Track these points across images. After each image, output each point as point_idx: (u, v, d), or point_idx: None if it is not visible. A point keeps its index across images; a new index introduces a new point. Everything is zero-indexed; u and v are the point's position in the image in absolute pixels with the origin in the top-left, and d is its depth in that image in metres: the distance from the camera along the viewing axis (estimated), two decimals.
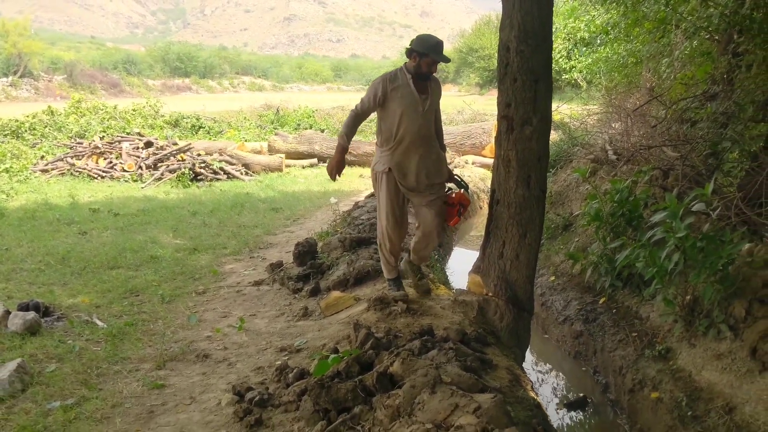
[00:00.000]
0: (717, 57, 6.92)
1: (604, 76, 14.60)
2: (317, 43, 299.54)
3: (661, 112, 7.89)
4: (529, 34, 4.61)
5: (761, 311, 3.90)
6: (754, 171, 5.39)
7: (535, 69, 4.65)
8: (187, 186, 11.83)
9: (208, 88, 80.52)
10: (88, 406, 3.63)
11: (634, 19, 8.30)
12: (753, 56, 5.86)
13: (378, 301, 4.70)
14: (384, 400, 3.11)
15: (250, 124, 21.52)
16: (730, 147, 6.19)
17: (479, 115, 23.97)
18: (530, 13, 4.60)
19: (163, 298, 5.59)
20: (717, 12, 6.42)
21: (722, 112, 6.34)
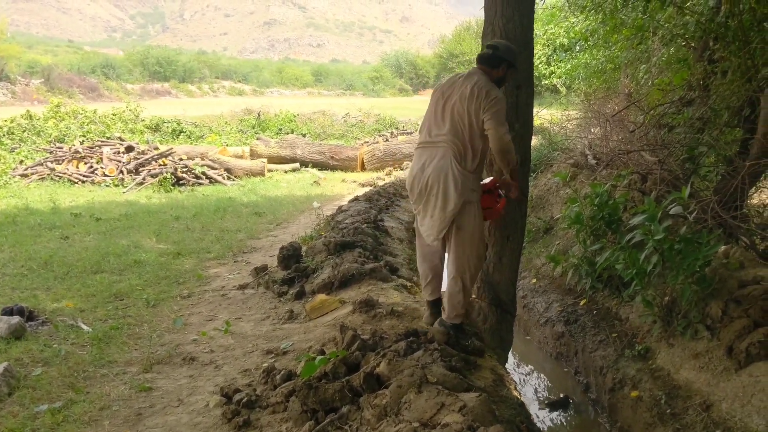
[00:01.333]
0: (693, 64, 7.05)
1: (583, 81, 14.80)
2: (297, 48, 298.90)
3: (639, 118, 8.03)
4: (511, 40, 4.67)
5: (737, 311, 4.01)
6: (729, 175, 5.52)
7: (516, 75, 4.74)
8: (169, 190, 11.81)
9: (187, 93, 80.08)
10: (75, 409, 3.64)
11: (613, 26, 8.43)
12: (728, 63, 5.99)
13: (363, 304, 4.75)
14: (371, 400, 3.16)
15: (231, 129, 21.51)
16: (707, 152, 6.33)
17: None
18: (512, 20, 4.68)
19: (148, 302, 5.59)
20: (693, 20, 6.56)
21: (698, 118, 6.47)
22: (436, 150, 3.90)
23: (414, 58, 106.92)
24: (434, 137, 3.94)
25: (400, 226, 8.28)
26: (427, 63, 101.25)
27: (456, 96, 3.89)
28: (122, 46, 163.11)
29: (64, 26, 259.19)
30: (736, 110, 5.94)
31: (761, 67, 5.41)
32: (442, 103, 3.97)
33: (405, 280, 5.78)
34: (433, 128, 3.97)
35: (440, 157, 3.85)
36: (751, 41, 5.58)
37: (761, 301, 3.96)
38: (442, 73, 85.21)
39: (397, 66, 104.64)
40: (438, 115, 3.97)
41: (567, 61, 15.34)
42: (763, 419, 3.33)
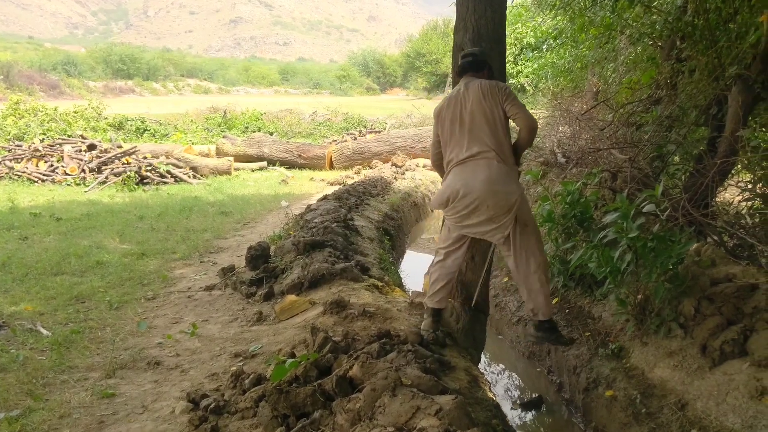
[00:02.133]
0: (661, 62, 7.09)
1: (550, 80, 14.88)
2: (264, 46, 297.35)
3: (608, 116, 8.06)
4: (483, 37, 4.64)
5: (709, 309, 4.00)
6: (698, 173, 5.54)
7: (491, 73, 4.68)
8: (133, 190, 11.55)
9: (152, 91, 79.15)
10: (34, 417, 3.48)
11: (581, 24, 8.45)
12: (695, 62, 6.02)
13: (334, 305, 4.66)
14: (344, 404, 3.07)
15: (196, 127, 21.20)
16: (675, 150, 6.36)
17: (428, 119, 24.14)
18: (484, 16, 4.63)
19: (111, 305, 5.41)
20: (661, 19, 6.59)
21: (667, 116, 6.49)
22: (475, 162, 3.97)
23: (381, 57, 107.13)
24: (468, 152, 4.00)
25: (371, 225, 8.19)
26: (395, 62, 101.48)
27: (469, 105, 4.01)
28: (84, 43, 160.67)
29: (23, 22, 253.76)
30: (703, 109, 5.95)
31: (728, 67, 5.43)
32: (457, 120, 4.06)
33: (376, 279, 5.69)
34: (461, 144, 4.04)
35: (484, 165, 3.93)
36: (717, 40, 5.61)
37: (734, 299, 3.94)
38: (409, 72, 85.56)
39: (365, 65, 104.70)
40: (460, 131, 4.05)
41: (534, 60, 15.40)
42: (739, 417, 3.31)
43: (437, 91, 73.50)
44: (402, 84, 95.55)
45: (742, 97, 5.21)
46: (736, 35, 5.59)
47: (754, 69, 5.13)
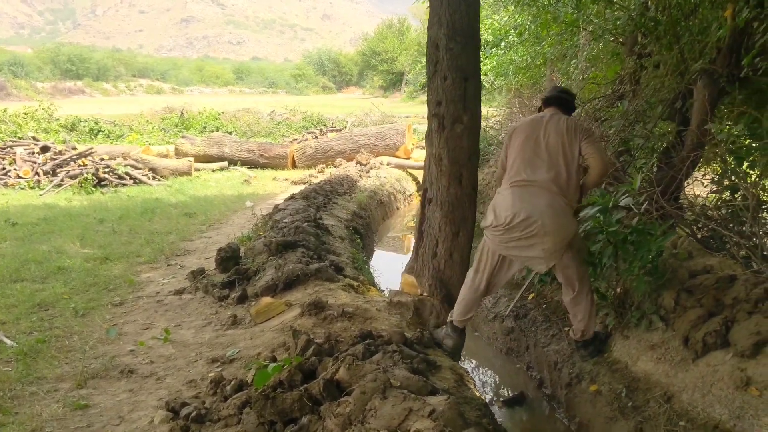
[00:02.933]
0: (624, 58, 7.17)
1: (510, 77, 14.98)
2: (217, 46, 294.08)
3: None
4: (458, 31, 4.61)
5: (690, 301, 4.03)
6: (667, 166, 5.60)
7: (464, 67, 4.67)
8: (90, 192, 11.19)
9: (102, 91, 77.58)
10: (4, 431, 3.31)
11: (545, 21, 8.50)
12: (659, 57, 6.09)
13: (312, 306, 4.56)
14: (333, 409, 2.98)
15: (153, 128, 20.75)
16: (642, 144, 6.43)
17: (387, 117, 24.14)
18: (458, 10, 4.60)
19: (77, 312, 5.20)
20: (625, 15, 6.65)
21: (633, 111, 6.56)
22: (539, 189, 3.96)
23: (337, 56, 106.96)
24: (532, 176, 3.99)
25: (340, 224, 8.09)
26: (350, 61, 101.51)
27: (550, 133, 4.04)
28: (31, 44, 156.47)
29: None
30: (669, 103, 6.02)
31: (692, 61, 5.50)
32: (532, 140, 4.07)
33: (351, 279, 5.61)
34: (529, 168, 4.02)
35: (547, 195, 3.93)
36: (680, 36, 5.68)
37: (713, 291, 3.98)
38: (365, 71, 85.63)
39: (320, 64, 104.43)
40: (534, 153, 4.05)
41: (493, 57, 15.46)
42: (726, 408, 3.33)
43: (393, 90, 73.77)
44: (358, 83, 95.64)
45: (707, 91, 5.27)
46: (699, 30, 5.67)
47: (719, 63, 5.20)
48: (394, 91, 72.63)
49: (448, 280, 4.83)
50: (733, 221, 5.23)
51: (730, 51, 5.14)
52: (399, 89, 71.42)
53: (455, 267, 4.83)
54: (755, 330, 3.53)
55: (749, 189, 4.96)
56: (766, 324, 3.52)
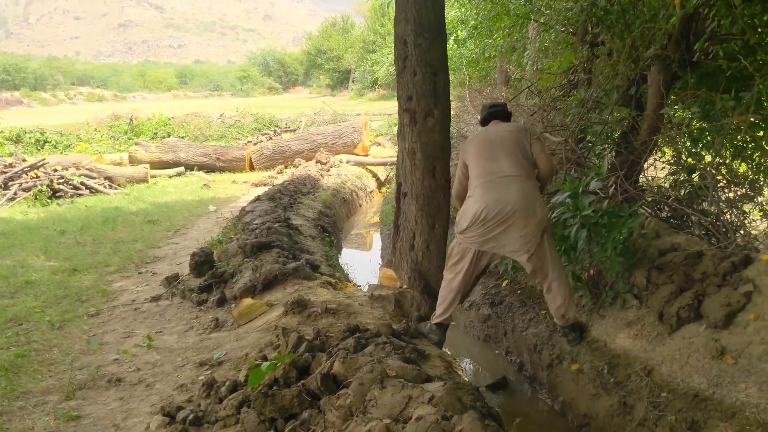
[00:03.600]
0: (577, 48, 7.34)
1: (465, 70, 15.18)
2: (157, 50, 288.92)
3: (530, 102, 8.31)
4: (425, 27, 4.69)
5: (661, 278, 4.20)
6: (625, 151, 5.80)
7: (432, 62, 4.75)
8: (46, 204, 10.92)
9: (41, 101, 75.36)
10: None
11: (499, 14, 8.66)
12: (612, 45, 6.25)
13: (295, 304, 4.59)
14: (333, 402, 3.04)
15: (101, 136, 20.27)
16: (601, 130, 6.62)
17: (339, 116, 24.13)
18: (425, 6, 4.68)
19: (53, 325, 5.12)
20: (576, 6, 6.82)
21: (590, 99, 6.74)
22: (506, 179, 4.11)
23: (281, 56, 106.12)
24: (496, 169, 4.16)
25: (308, 223, 8.12)
26: (295, 60, 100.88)
27: (501, 134, 4.33)
28: None
29: None
30: (624, 90, 6.21)
31: (643, 48, 5.68)
32: (488, 144, 4.29)
33: (328, 276, 5.65)
34: (490, 163, 4.19)
35: (516, 182, 4.09)
36: (631, 23, 5.87)
37: (683, 267, 4.16)
38: (311, 70, 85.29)
39: (265, 64, 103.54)
40: (490, 152, 4.24)
41: None
42: (704, 377, 3.50)
43: (341, 88, 73.66)
44: (304, 82, 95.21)
45: (661, 76, 5.47)
46: (649, 18, 5.86)
47: (671, 49, 5.38)
48: (342, 90, 72.61)
49: (427, 271, 4.92)
50: (693, 200, 5.47)
51: (681, 36, 5.33)
52: (347, 87, 71.41)
53: (433, 258, 4.93)
54: (725, 302, 3.71)
55: (708, 169, 5.19)
56: (735, 295, 3.71)
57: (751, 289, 3.68)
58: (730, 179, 5.59)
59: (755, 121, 5.02)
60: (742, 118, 4.65)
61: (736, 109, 4.66)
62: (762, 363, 3.30)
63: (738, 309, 3.66)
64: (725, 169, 5.65)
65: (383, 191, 13.79)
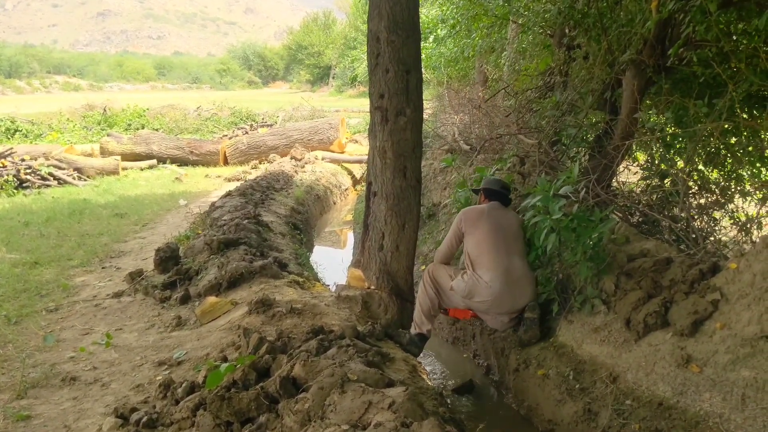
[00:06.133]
0: (554, 50, 7.33)
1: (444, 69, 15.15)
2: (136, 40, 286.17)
3: (507, 103, 8.28)
4: (399, 24, 4.62)
5: (629, 284, 4.17)
6: (599, 155, 5.78)
7: (405, 60, 4.68)
8: (12, 195, 10.69)
9: (15, 89, 74.15)
10: None
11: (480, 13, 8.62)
12: (588, 48, 6.24)
13: (260, 304, 4.50)
14: (292, 406, 2.96)
15: (74, 126, 19.94)
16: (575, 134, 6.61)
17: (317, 112, 23.99)
18: (398, 3, 4.61)
19: (9, 319, 4.97)
20: (554, 8, 6.80)
21: (565, 101, 6.73)
22: (523, 281, 4.53)
23: (262, 50, 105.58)
24: (512, 270, 4.49)
25: (279, 220, 8.01)
26: (276, 55, 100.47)
27: (515, 231, 4.68)
28: None
29: None
30: (599, 93, 6.20)
31: (619, 53, 5.67)
32: (502, 237, 4.57)
33: (296, 275, 5.56)
34: (507, 262, 4.49)
35: (528, 282, 4.56)
36: (607, 27, 5.85)
37: (651, 273, 4.13)
38: (292, 65, 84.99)
39: (245, 58, 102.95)
40: (506, 249, 4.54)
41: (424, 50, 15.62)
42: (669, 386, 3.47)
43: (321, 84, 73.45)
44: (285, 77, 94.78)
45: (635, 81, 5.45)
46: (625, 22, 5.85)
47: (646, 54, 5.36)
48: (322, 85, 72.38)
49: (395, 272, 4.85)
50: (664, 206, 5.46)
51: (657, 42, 5.31)
52: (327, 83, 71.19)
53: (402, 259, 4.86)
54: (693, 309, 3.68)
55: (679, 175, 5.18)
56: (702, 303, 3.68)
57: (718, 297, 3.65)
58: (702, 185, 5.59)
59: (728, 127, 5.02)
60: (715, 124, 4.64)
61: (709, 116, 4.65)
62: (727, 372, 3.27)
63: (705, 317, 3.63)
64: (697, 176, 5.65)
65: (358, 189, 13.72)
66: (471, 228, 4.62)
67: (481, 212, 4.68)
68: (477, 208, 4.79)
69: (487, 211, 4.68)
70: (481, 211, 4.69)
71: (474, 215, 4.68)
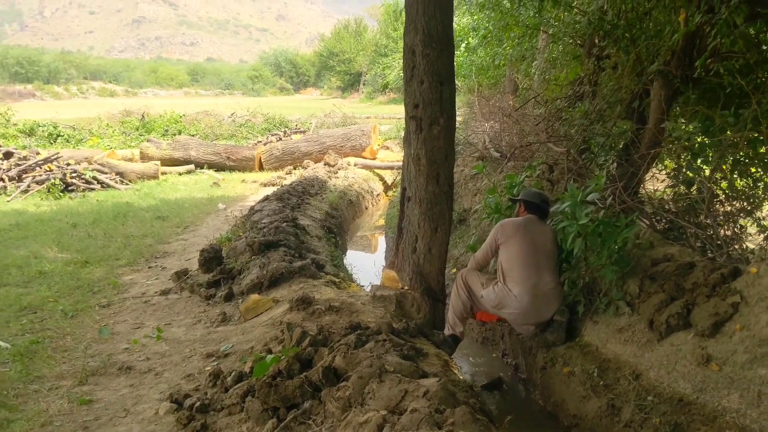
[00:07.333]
0: (584, 60, 7.48)
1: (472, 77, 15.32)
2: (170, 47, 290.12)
3: (536, 111, 8.46)
4: (433, 38, 4.85)
5: (653, 287, 4.35)
6: (626, 163, 5.94)
7: (440, 72, 4.90)
8: (58, 197, 11.16)
9: (53, 95, 75.96)
10: (15, 427, 3.45)
11: (512, 23, 8.80)
12: (617, 58, 6.39)
13: (300, 301, 4.76)
14: (333, 393, 3.21)
15: (113, 132, 20.51)
16: (603, 142, 6.76)
17: (348, 118, 24.29)
18: (434, 17, 4.83)
19: (66, 314, 5.32)
20: (583, 19, 6.97)
21: (594, 110, 6.88)
22: (551, 294, 4.69)
23: (293, 57, 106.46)
24: (542, 285, 4.65)
25: (315, 224, 8.30)
26: (307, 61, 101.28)
27: (549, 248, 4.77)
28: None
29: None
30: (627, 103, 6.35)
31: (648, 63, 5.81)
32: (533, 253, 4.69)
33: (332, 276, 5.83)
34: (537, 278, 4.65)
35: (555, 297, 4.71)
36: (636, 38, 6.00)
37: (674, 277, 4.30)
38: (323, 72, 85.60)
39: (277, 65, 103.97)
40: (537, 265, 4.67)
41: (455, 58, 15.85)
42: (689, 383, 3.65)
43: (352, 90, 73.88)
44: (315, 83, 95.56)
45: (663, 91, 5.59)
46: (654, 33, 6.00)
47: (674, 65, 5.50)
48: (353, 92, 72.89)
49: (428, 274, 5.08)
50: (690, 213, 5.60)
51: (684, 53, 5.44)
52: (357, 90, 71.67)
53: (434, 261, 5.09)
54: (714, 311, 3.85)
55: (704, 183, 5.32)
56: (723, 306, 3.85)
57: (738, 300, 3.81)
58: (728, 193, 5.71)
59: (755, 137, 5.13)
60: (740, 134, 4.78)
61: (735, 126, 4.79)
62: (745, 371, 3.44)
63: (725, 319, 3.79)
64: (725, 183, 5.77)
65: (390, 194, 13.97)
66: (506, 241, 4.74)
67: (518, 226, 4.79)
68: (514, 221, 4.90)
69: (524, 225, 4.78)
70: (518, 225, 4.80)
71: (510, 229, 4.78)
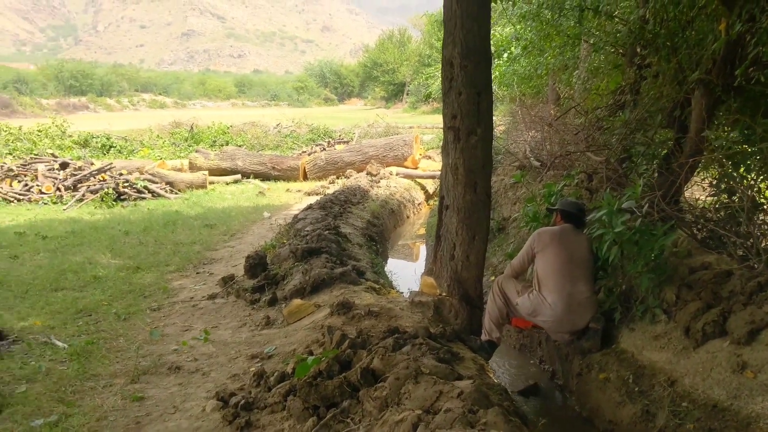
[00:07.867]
0: (625, 69, 7.49)
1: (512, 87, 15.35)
2: (218, 59, 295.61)
3: (577, 121, 8.48)
4: (471, 50, 4.97)
5: (689, 295, 4.37)
6: (667, 172, 5.94)
7: (477, 83, 5.02)
8: (111, 206, 11.61)
9: (106, 107, 78.24)
10: (73, 421, 3.67)
11: (553, 33, 8.85)
12: (658, 67, 6.40)
13: (341, 306, 4.92)
14: (371, 393, 3.34)
15: (163, 142, 21.15)
16: (644, 151, 6.76)
17: (391, 128, 24.50)
18: (471, 30, 4.95)
19: (119, 316, 5.59)
20: (625, 28, 6.99)
21: (634, 119, 6.89)
22: (585, 303, 4.74)
23: (338, 68, 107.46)
24: (576, 294, 4.71)
25: (356, 232, 8.48)
26: (352, 72, 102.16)
27: (584, 256, 4.84)
28: (33, 60, 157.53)
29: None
30: (668, 112, 6.35)
31: (690, 72, 5.81)
32: (568, 262, 4.77)
33: (372, 282, 5.97)
34: (571, 286, 4.72)
35: (590, 306, 4.76)
36: (678, 47, 6.01)
37: (711, 285, 4.33)
38: (366, 82, 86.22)
39: (322, 75, 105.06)
40: (571, 275, 4.74)
41: (498, 68, 15.87)
42: (724, 390, 3.67)
43: (395, 100, 74.24)
44: (360, 94, 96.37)
45: (704, 100, 5.59)
46: (695, 42, 5.99)
47: (715, 73, 5.49)
48: (396, 102, 73.26)
49: (466, 280, 5.18)
50: (731, 222, 5.57)
51: (725, 62, 5.43)
52: (401, 100, 72.00)
53: (472, 268, 5.19)
54: (750, 319, 3.88)
55: (745, 192, 5.30)
56: (759, 314, 3.87)
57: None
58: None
59: None
60: None
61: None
62: None
63: (761, 327, 3.81)
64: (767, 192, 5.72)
65: (431, 204, 14.09)
66: (542, 250, 4.83)
67: (554, 235, 4.86)
68: (551, 230, 4.97)
69: (560, 235, 4.86)
70: (554, 235, 4.87)
71: (547, 238, 4.86)
